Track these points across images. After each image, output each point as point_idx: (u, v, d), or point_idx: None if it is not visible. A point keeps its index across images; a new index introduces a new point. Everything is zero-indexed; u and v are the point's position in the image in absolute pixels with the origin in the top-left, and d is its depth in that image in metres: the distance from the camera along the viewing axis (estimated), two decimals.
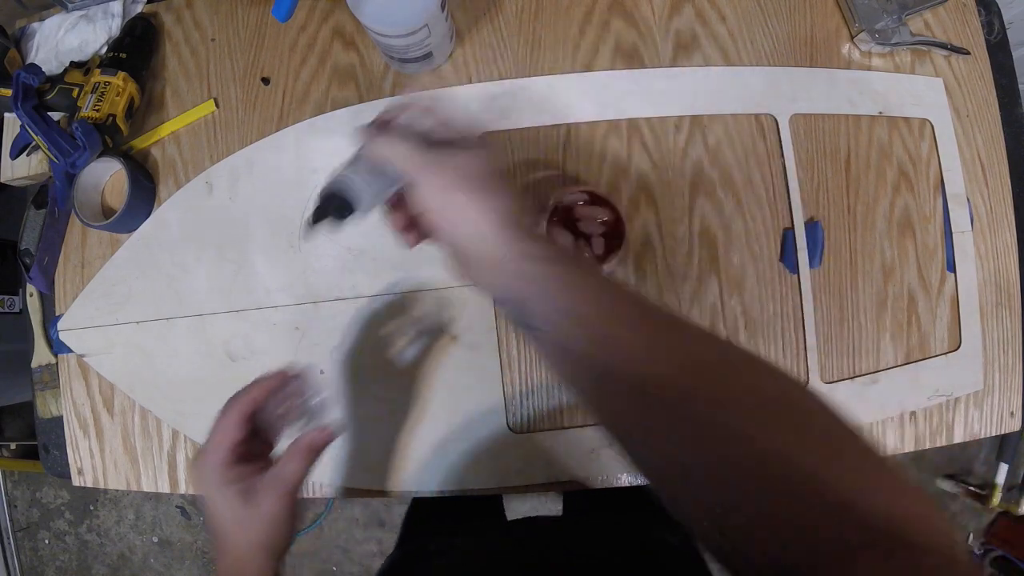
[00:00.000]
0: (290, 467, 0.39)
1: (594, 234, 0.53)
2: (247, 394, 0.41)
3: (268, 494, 0.38)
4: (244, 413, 0.40)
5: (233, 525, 0.38)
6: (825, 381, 0.60)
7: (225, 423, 0.40)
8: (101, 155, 0.61)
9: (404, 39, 0.55)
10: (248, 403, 0.40)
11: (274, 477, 0.39)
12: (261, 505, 0.38)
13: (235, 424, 0.39)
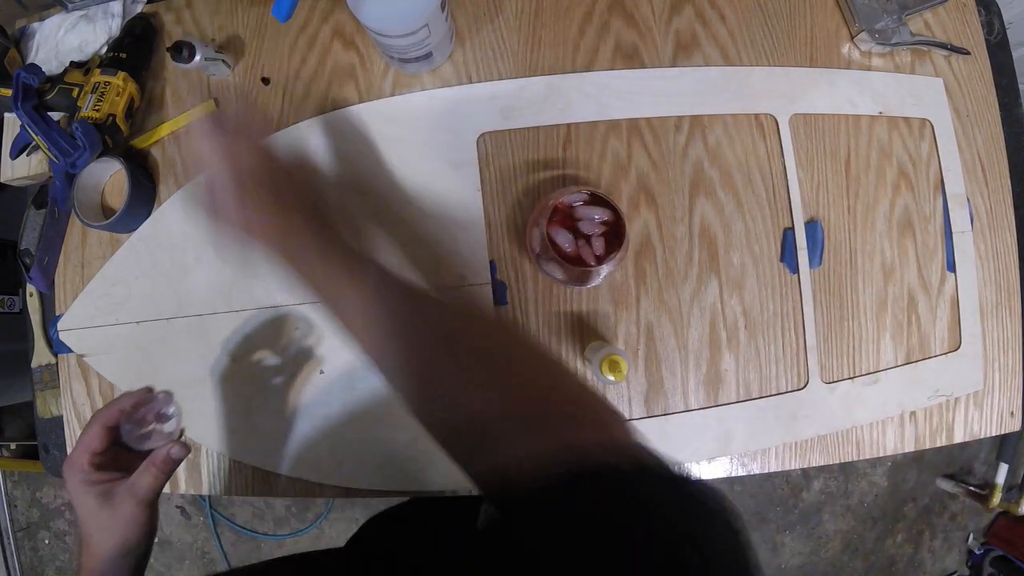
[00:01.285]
0: (145, 478, 0.43)
1: (594, 234, 0.53)
2: (110, 408, 0.44)
3: (124, 499, 0.42)
4: (106, 424, 0.43)
5: (93, 524, 0.42)
6: (825, 381, 0.60)
7: (89, 432, 0.43)
8: (101, 155, 0.61)
9: (404, 39, 0.54)
10: (110, 416, 0.43)
11: (131, 485, 0.43)
12: (117, 508, 0.42)
13: (97, 434, 0.43)
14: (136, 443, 0.44)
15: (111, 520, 0.42)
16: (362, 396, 0.60)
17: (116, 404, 0.44)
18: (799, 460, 0.60)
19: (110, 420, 0.43)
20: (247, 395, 0.61)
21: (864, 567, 1.51)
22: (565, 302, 0.60)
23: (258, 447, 0.61)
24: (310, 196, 0.43)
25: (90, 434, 0.43)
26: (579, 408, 0.32)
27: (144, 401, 0.45)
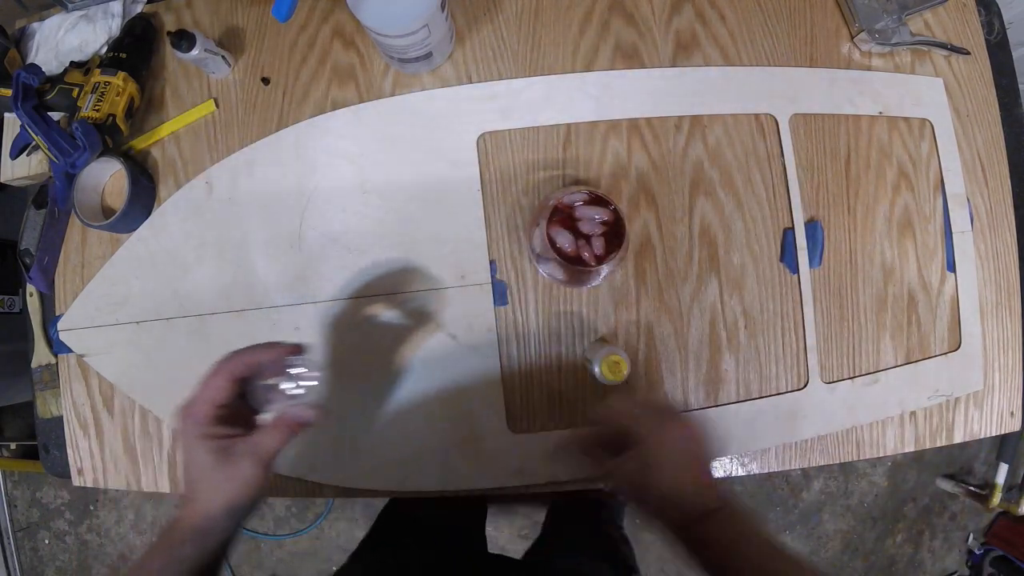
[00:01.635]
0: (270, 437, 0.40)
1: (594, 234, 0.53)
2: (240, 357, 0.40)
3: (244, 458, 0.39)
4: (234, 375, 0.40)
5: (205, 479, 0.39)
6: (825, 381, 0.60)
7: (214, 381, 0.40)
8: (101, 155, 0.61)
9: (404, 39, 0.54)
10: (239, 367, 0.40)
11: (253, 443, 0.40)
12: (235, 467, 0.39)
13: (223, 385, 0.40)
14: (264, 400, 0.41)
15: (226, 479, 0.39)
16: (361, 396, 0.60)
17: (247, 355, 0.40)
18: (799, 460, 0.60)
19: (238, 371, 0.40)
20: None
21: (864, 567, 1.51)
22: (565, 302, 0.60)
23: None
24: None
25: (214, 384, 0.40)
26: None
27: (280, 354, 0.41)
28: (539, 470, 0.58)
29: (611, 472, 0.43)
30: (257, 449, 0.40)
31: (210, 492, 0.39)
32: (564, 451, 0.48)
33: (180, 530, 0.39)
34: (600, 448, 0.45)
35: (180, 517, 0.40)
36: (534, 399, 0.59)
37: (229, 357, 0.41)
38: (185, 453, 0.40)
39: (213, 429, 0.39)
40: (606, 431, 0.46)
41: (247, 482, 0.39)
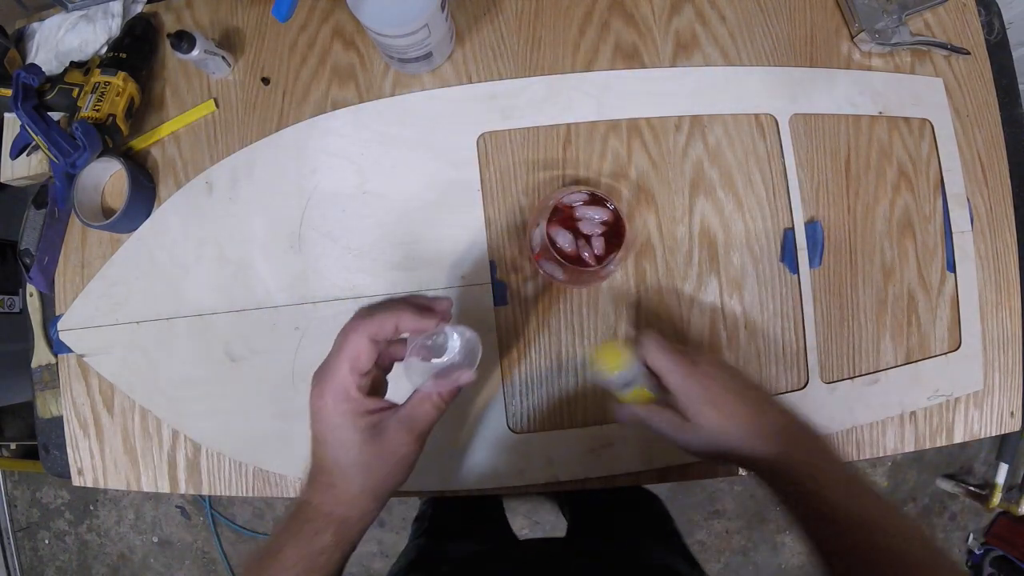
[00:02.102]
0: (425, 409, 0.35)
1: (594, 234, 0.53)
2: (381, 316, 0.35)
3: (398, 434, 0.34)
4: (376, 338, 0.35)
5: (350, 461, 0.34)
6: (825, 381, 0.60)
7: (354, 345, 0.34)
8: (101, 155, 0.61)
9: (404, 39, 0.54)
10: (383, 328, 0.35)
11: (407, 416, 0.35)
12: (387, 444, 0.34)
13: (366, 349, 0.34)
14: (416, 367, 0.36)
15: (376, 457, 0.34)
16: None
17: (387, 313, 0.35)
18: None
19: (382, 333, 0.35)
20: (247, 395, 0.61)
21: None
22: (565, 302, 0.60)
23: (257, 447, 0.61)
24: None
25: (355, 348, 0.34)
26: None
27: (423, 313, 0.35)
28: (539, 470, 0.58)
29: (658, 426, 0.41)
30: (412, 423, 0.35)
31: (357, 475, 0.34)
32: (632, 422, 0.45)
33: (317, 518, 0.35)
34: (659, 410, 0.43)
35: (316, 503, 0.35)
36: (534, 399, 0.59)
37: (366, 316, 0.35)
38: (326, 431, 0.35)
39: (366, 402, 0.35)
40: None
41: (401, 461, 0.35)
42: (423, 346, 0.36)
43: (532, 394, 0.59)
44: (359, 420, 0.34)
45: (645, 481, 0.59)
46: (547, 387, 0.59)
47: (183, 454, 0.62)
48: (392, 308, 0.35)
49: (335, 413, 0.34)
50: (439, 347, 0.36)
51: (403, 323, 0.35)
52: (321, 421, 0.35)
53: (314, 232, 0.61)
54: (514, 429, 0.59)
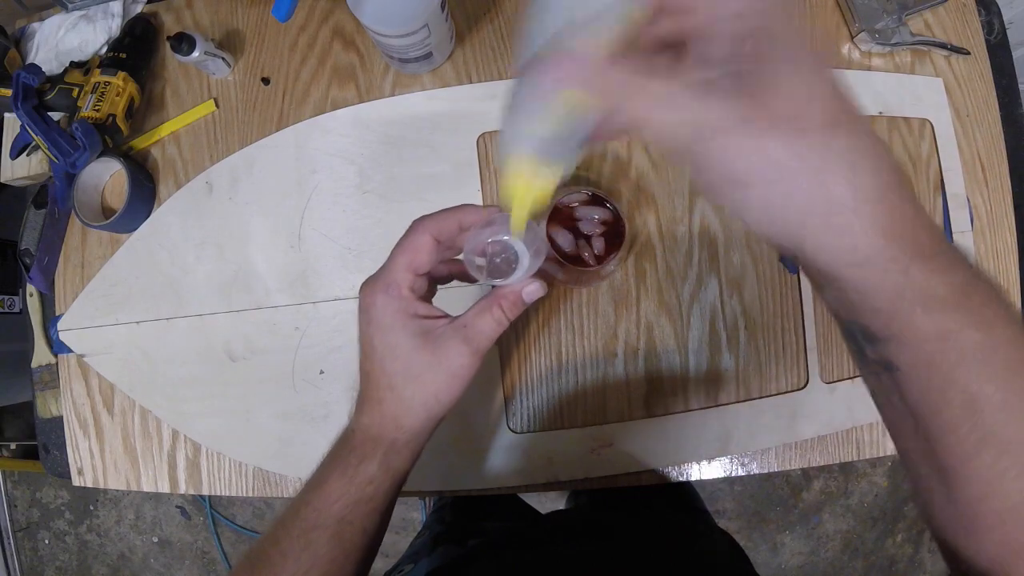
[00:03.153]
0: (486, 320, 0.31)
1: (594, 234, 0.53)
2: (444, 216, 0.32)
3: (454, 344, 0.31)
4: (439, 236, 0.32)
5: (401, 366, 0.31)
6: (825, 381, 0.60)
7: (414, 244, 0.32)
8: (101, 155, 0.61)
9: (404, 39, 0.54)
10: (446, 227, 0.32)
11: (465, 326, 0.31)
12: (442, 355, 0.31)
13: (427, 246, 0.31)
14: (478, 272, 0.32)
15: (428, 367, 0.31)
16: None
17: (452, 214, 0.32)
18: (799, 460, 0.60)
19: (445, 232, 0.32)
20: (247, 395, 0.61)
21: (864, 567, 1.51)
22: (565, 302, 0.60)
23: (258, 447, 0.61)
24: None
25: (414, 244, 0.32)
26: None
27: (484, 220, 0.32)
28: (539, 470, 0.58)
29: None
30: (470, 333, 0.31)
31: (407, 384, 0.31)
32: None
33: (363, 444, 0.32)
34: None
35: (362, 426, 0.32)
36: (534, 399, 0.59)
37: (427, 216, 0.33)
38: (373, 333, 0.31)
39: (418, 306, 0.31)
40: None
41: (456, 374, 0.31)
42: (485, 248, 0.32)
43: (532, 394, 0.59)
44: (410, 322, 0.31)
45: (645, 481, 0.59)
46: (547, 387, 0.59)
47: (183, 454, 0.62)
48: (453, 207, 0.32)
49: (385, 312, 0.31)
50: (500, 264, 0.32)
51: (466, 217, 0.32)
52: (369, 322, 0.32)
53: (314, 232, 0.61)
54: (514, 429, 0.59)
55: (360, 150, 0.62)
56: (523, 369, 0.59)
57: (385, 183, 0.61)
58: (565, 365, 0.59)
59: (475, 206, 0.32)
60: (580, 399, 0.59)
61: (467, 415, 0.59)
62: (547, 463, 0.58)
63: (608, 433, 0.58)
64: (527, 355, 0.60)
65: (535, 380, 0.59)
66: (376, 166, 0.61)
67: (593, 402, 0.59)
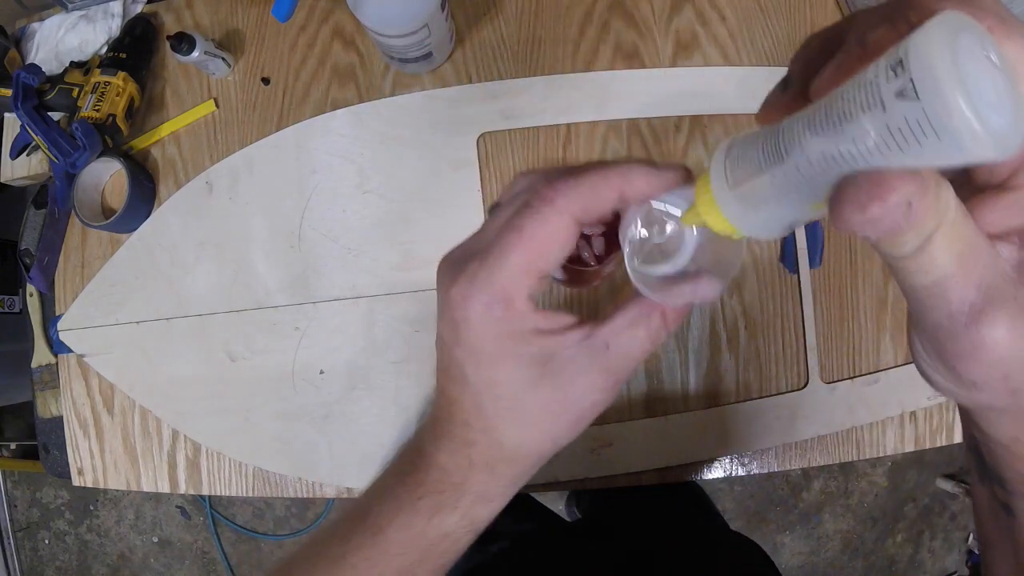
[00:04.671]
0: (637, 337, 0.22)
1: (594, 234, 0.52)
2: (597, 186, 0.21)
3: (591, 377, 0.22)
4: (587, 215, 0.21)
5: (507, 407, 0.22)
6: (825, 381, 0.60)
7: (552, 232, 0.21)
8: (101, 155, 0.61)
9: (404, 39, 0.54)
10: (599, 196, 0.21)
11: (612, 349, 0.22)
12: (573, 391, 0.22)
13: (570, 232, 0.21)
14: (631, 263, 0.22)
15: (546, 407, 0.22)
16: (362, 396, 0.60)
17: (609, 180, 0.21)
18: (799, 460, 0.60)
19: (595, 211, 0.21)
20: (247, 395, 0.61)
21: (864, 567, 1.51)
22: (565, 302, 0.60)
23: (258, 447, 0.61)
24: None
25: (545, 236, 0.21)
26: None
27: (669, 170, 0.21)
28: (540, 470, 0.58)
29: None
30: (615, 358, 0.22)
31: (512, 430, 0.23)
32: None
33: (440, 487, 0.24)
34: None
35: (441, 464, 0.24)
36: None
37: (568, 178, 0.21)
38: (465, 359, 0.22)
39: (529, 318, 0.21)
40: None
41: (583, 414, 0.23)
42: (641, 232, 0.22)
43: None
44: (524, 349, 0.21)
45: (645, 481, 0.59)
46: None
47: (183, 454, 0.62)
48: (608, 167, 0.21)
49: (486, 336, 0.21)
50: (659, 247, 0.22)
51: (634, 185, 0.21)
52: (458, 342, 0.22)
53: (314, 232, 0.61)
54: None
55: (360, 150, 0.62)
56: None
57: (385, 183, 0.61)
58: None
59: (643, 166, 0.21)
60: None
61: None
62: (547, 463, 0.58)
63: (608, 433, 0.58)
64: None
65: None
66: (376, 166, 0.61)
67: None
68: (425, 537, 0.24)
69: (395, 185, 0.61)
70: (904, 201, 0.15)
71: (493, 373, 0.22)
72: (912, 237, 0.16)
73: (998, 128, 0.13)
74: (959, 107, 0.13)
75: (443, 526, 0.24)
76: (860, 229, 0.15)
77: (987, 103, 0.13)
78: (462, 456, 0.24)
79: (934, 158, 0.14)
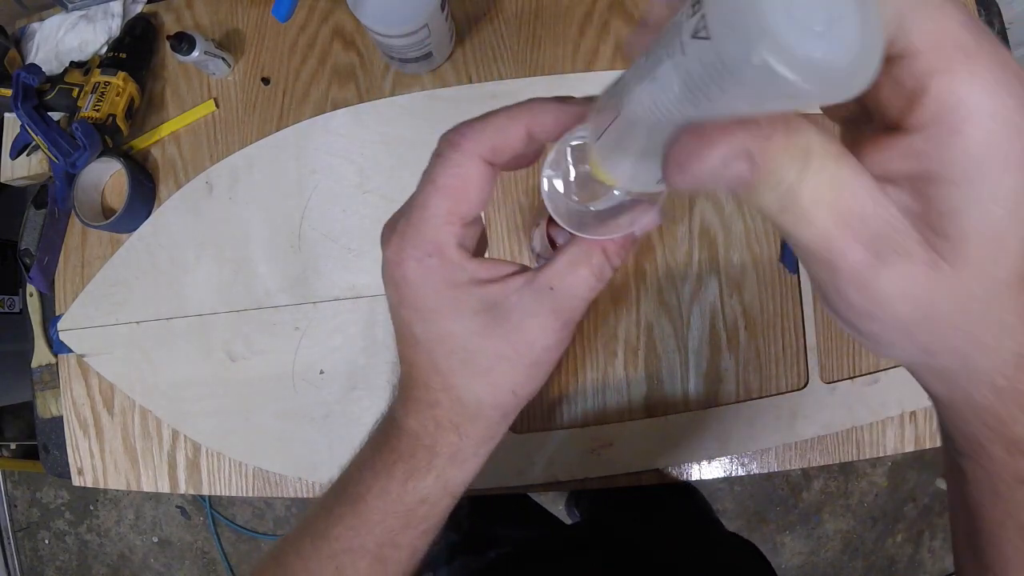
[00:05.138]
0: (580, 276, 0.21)
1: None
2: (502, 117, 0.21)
3: (540, 319, 0.21)
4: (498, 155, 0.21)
5: (460, 361, 0.22)
6: (825, 381, 0.60)
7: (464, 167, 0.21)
8: (101, 155, 0.61)
9: (404, 39, 0.54)
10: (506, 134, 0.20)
11: (557, 290, 0.21)
12: (524, 335, 0.21)
13: (483, 180, 0.21)
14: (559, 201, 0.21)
15: (501, 358, 0.22)
16: (362, 396, 0.60)
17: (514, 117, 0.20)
18: (799, 460, 0.60)
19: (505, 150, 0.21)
20: (247, 395, 0.61)
21: (864, 567, 1.51)
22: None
23: (257, 447, 0.61)
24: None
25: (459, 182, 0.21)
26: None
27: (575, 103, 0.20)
28: (539, 470, 0.58)
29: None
30: (561, 299, 0.21)
31: (472, 384, 0.22)
32: None
33: (413, 452, 0.24)
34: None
35: (410, 430, 0.24)
36: (534, 399, 0.59)
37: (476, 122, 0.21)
38: (412, 318, 0.22)
39: (466, 266, 0.21)
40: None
41: (539, 358, 0.22)
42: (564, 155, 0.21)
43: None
44: (465, 297, 0.21)
45: (645, 481, 0.59)
46: (547, 387, 0.59)
47: (183, 454, 0.62)
48: (514, 106, 0.20)
49: (424, 290, 0.21)
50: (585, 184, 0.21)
51: (540, 120, 0.20)
52: (402, 303, 0.22)
53: (314, 232, 0.61)
54: (514, 429, 0.59)
55: (360, 150, 0.62)
56: None
57: (385, 183, 0.61)
58: (565, 365, 0.59)
59: (549, 101, 0.20)
60: (580, 399, 0.59)
61: None
62: (547, 463, 0.58)
63: (608, 433, 0.58)
64: None
65: None
66: (376, 166, 0.61)
67: (593, 402, 0.59)
68: (402, 503, 0.24)
69: (395, 185, 0.61)
70: (735, 155, 0.13)
71: (440, 327, 0.22)
72: (768, 191, 0.14)
73: (820, 61, 0.11)
74: (753, 40, 0.10)
75: (419, 491, 0.24)
76: (690, 186, 0.14)
77: (802, 31, 0.11)
78: (428, 418, 0.23)
79: (755, 102, 0.12)
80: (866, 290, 0.16)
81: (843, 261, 0.15)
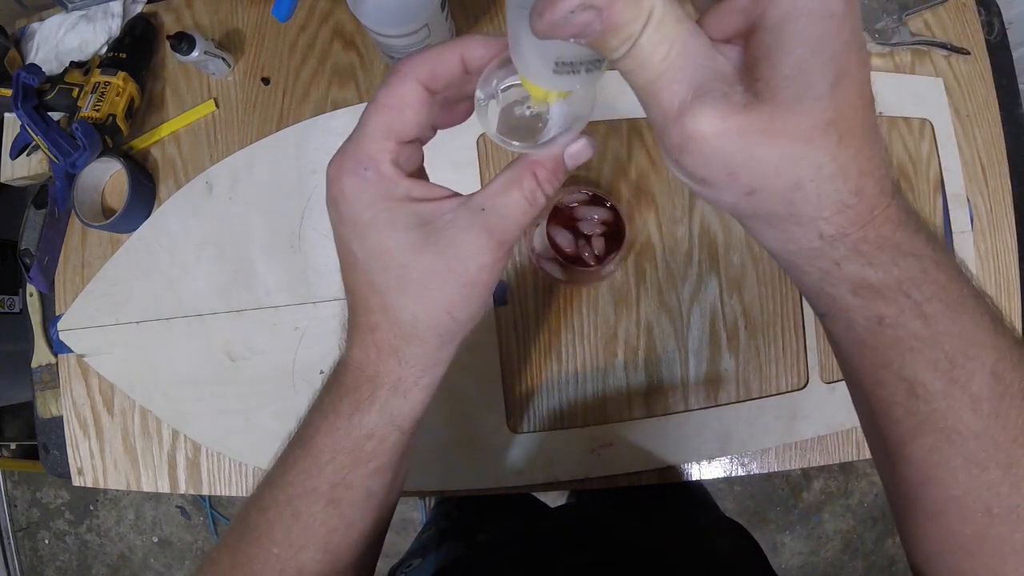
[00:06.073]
0: (513, 199, 0.22)
1: (594, 234, 0.53)
2: (439, 53, 0.22)
3: (473, 236, 0.22)
4: (433, 80, 0.22)
5: (396, 277, 0.22)
6: (825, 381, 0.60)
7: (400, 94, 0.22)
8: (101, 155, 0.61)
9: (404, 39, 0.54)
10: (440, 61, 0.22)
11: (489, 210, 0.22)
12: (457, 253, 0.22)
13: (418, 101, 0.22)
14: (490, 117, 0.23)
15: (435, 276, 0.22)
16: None
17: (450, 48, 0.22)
18: (799, 460, 0.60)
19: (441, 75, 0.22)
20: (247, 395, 0.61)
21: (864, 567, 1.51)
22: (565, 302, 0.60)
23: (258, 447, 0.61)
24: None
25: (395, 100, 0.22)
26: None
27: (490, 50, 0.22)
28: (539, 470, 0.58)
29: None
30: (493, 218, 0.22)
31: (409, 305, 0.22)
32: None
33: (357, 384, 0.24)
34: None
35: (355, 361, 0.24)
36: (534, 399, 0.59)
37: (417, 54, 0.22)
38: (350, 235, 0.23)
39: (399, 183, 0.22)
40: None
41: (474, 278, 0.22)
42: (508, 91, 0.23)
43: (532, 394, 0.59)
44: (399, 212, 0.22)
45: (645, 481, 0.59)
46: (547, 387, 0.59)
47: (183, 454, 0.62)
48: (452, 39, 0.23)
49: (359, 203, 0.22)
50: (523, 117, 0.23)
51: (472, 50, 0.22)
52: (341, 220, 0.23)
53: (314, 232, 0.61)
54: (514, 429, 0.59)
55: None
56: (523, 369, 0.59)
57: None
58: (565, 365, 0.59)
59: (482, 37, 0.22)
60: (580, 399, 0.59)
61: (467, 415, 0.59)
62: (547, 463, 0.58)
63: (608, 433, 0.58)
64: (527, 355, 0.60)
65: (535, 380, 0.59)
66: None
67: (593, 402, 0.59)
68: (349, 438, 0.25)
69: None
70: (581, 6, 0.16)
71: (375, 242, 0.22)
72: (616, 40, 0.18)
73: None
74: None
75: (365, 425, 0.25)
76: (551, 34, 0.17)
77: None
78: (369, 344, 0.24)
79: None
80: (683, 125, 0.18)
81: (667, 99, 0.18)
